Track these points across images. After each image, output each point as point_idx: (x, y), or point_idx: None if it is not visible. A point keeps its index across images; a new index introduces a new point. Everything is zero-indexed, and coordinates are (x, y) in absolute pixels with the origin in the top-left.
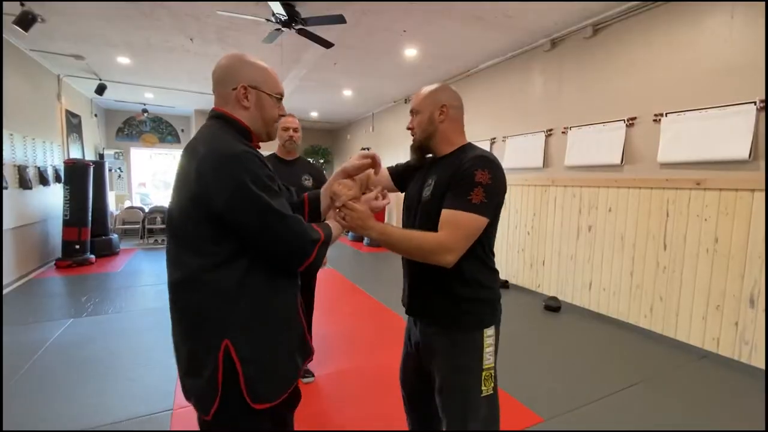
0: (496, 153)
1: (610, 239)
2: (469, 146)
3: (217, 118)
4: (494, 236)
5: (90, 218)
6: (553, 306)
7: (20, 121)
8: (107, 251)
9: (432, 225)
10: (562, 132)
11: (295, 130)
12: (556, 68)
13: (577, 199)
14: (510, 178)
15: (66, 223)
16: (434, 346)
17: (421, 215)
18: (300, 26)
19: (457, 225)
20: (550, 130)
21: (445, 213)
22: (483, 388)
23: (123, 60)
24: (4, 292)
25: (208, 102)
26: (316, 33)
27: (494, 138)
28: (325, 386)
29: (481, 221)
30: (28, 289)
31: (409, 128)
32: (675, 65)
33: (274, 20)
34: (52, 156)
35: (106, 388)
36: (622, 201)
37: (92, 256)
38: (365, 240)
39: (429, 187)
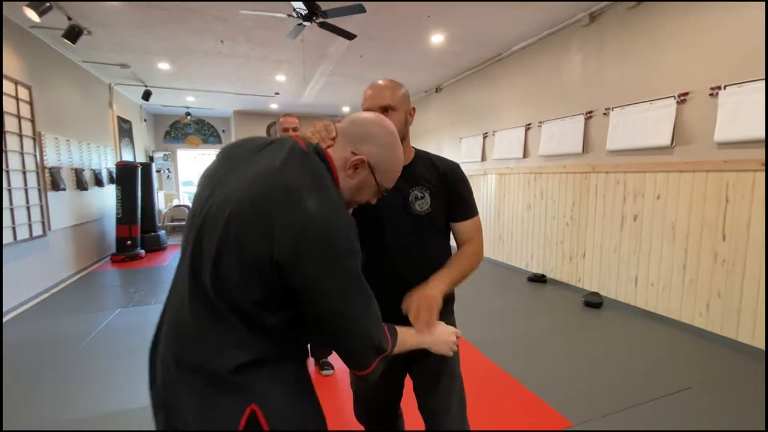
0: (531, 139)
1: (659, 229)
2: (423, 152)
3: (320, 156)
4: None
5: (139, 216)
6: (593, 302)
7: (76, 128)
8: (156, 246)
9: (440, 237)
10: (604, 113)
11: (295, 129)
12: (596, 44)
13: (620, 186)
14: (546, 166)
15: (119, 221)
16: None
17: (418, 231)
18: (321, 19)
19: (478, 230)
20: (590, 112)
21: (468, 224)
22: (459, 362)
23: (163, 66)
24: (65, 285)
25: (244, 103)
26: (338, 25)
27: (529, 124)
28: (343, 379)
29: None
30: (86, 282)
31: None
32: (734, 30)
33: (295, 15)
34: (105, 159)
35: (143, 373)
36: (672, 186)
37: (142, 251)
38: None
39: (423, 200)
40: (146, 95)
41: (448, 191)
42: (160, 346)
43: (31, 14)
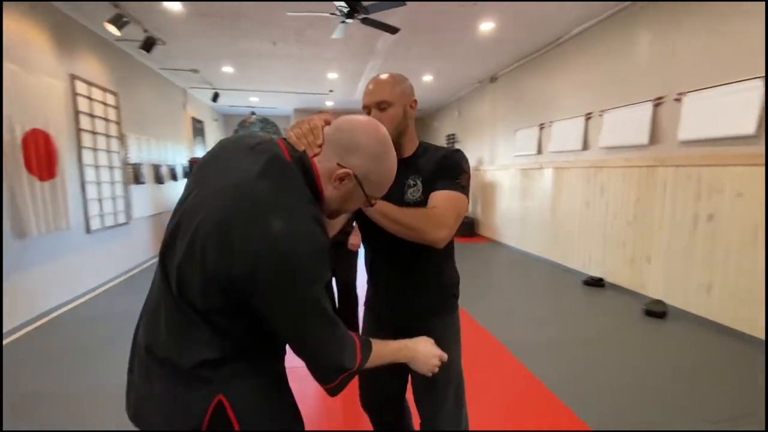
0: (591, 130)
1: (738, 231)
2: (429, 144)
3: (303, 167)
4: None
5: None
6: (656, 311)
7: (156, 129)
8: None
9: None
10: (675, 99)
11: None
12: (669, 22)
13: (693, 182)
14: (608, 159)
15: None
16: (430, 334)
17: None
18: (363, 16)
19: (451, 203)
20: (660, 98)
21: (439, 193)
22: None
23: (227, 69)
24: (145, 266)
25: (302, 101)
26: (381, 20)
27: (590, 113)
28: None
29: (467, 205)
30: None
31: None
32: None
33: (338, 13)
34: (180, 156)
35: None
36: (756, 182)
37: None
38: None
39: (415, 188)
40: (215, 97)
41: (436, 172)
42: (139, 334)
43: (112, 29)
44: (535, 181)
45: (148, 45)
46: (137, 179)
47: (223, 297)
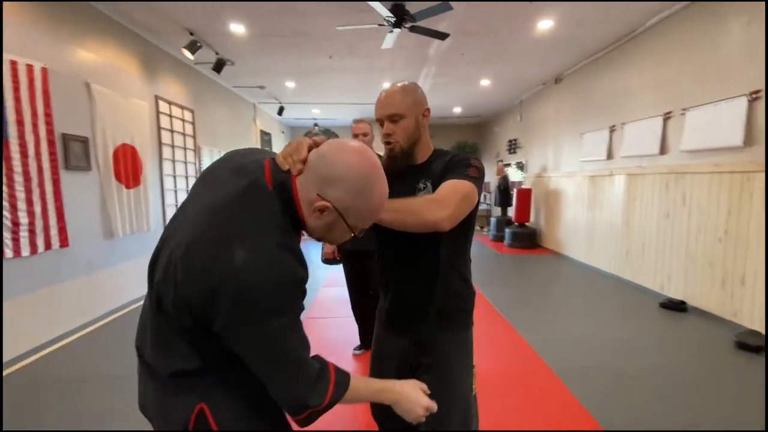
0: (671, 131)
1: None
2: (442, 150)
3: (284, 194)
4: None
5: None
6: (751, 344)
7: (227, 141)
8: None
9: (446, 232)
10: None
11: (365, 134)
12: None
13: None
14: (691, 164)
15: None
16: (431, 348)
17: None
18: (410, 24)
19: (454, 188)
20: (756, 92)
21: (445, 183)
22: (474, 386)
23: (290, 84)
24: None
25: (361, 111)
26: (430, 26)
27: (669, 112)
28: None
29: (474, 192)
30: None
31: (387, 135)
32: None
33: (386, 24)
34: None
35: None
36: None
37: None
38: (507, 239)
39: (425, 190)
40: (280, 110)
41: (447, 171)
42: (137, 335)
43: (187, 53)
44: (605, 188)
45: (219, 66)
46: None
47: (191, 318)
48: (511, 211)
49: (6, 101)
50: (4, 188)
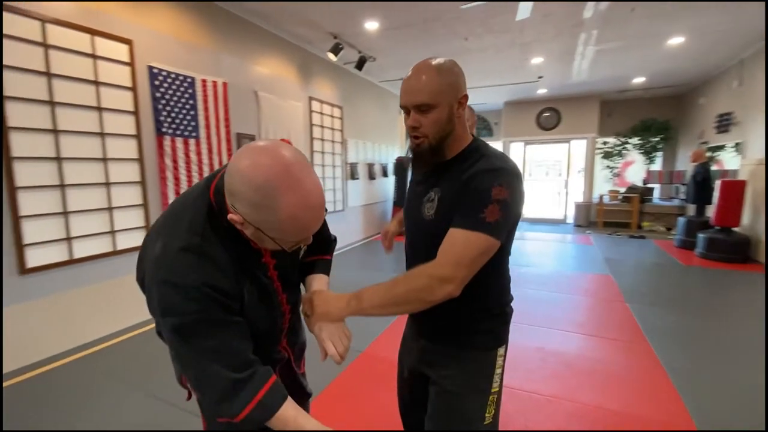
0: None
1: None
2: (478, 146)
3: (209, 212)
4: (511, 245)
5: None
6: None
7: (372, 133)
8: None
9: None
10: None
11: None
12: None
13: None
14: None
15: (394, 203)
16: (437, 365)
17: (425, 241)
18: None
19: (462, 245)
20: None
21: (451, 233)
22: (486, 414)
23: None
24: (354, 246)
25: (511, 92)
26: None
27: None
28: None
29: (493, 244)
30: (369, 247)
31: (413, 128)
32: None
33: None
34: (392, 156)
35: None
36: None
37: None
38: (700, 247)
39: (431, 203)
40: None
41: (458, 195)
42: None
43: (331, 56)
44: None
45: (360, 64)
46: (353, 175)
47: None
48: (710, 211)
49: (199, 111)
50: (195, 181)
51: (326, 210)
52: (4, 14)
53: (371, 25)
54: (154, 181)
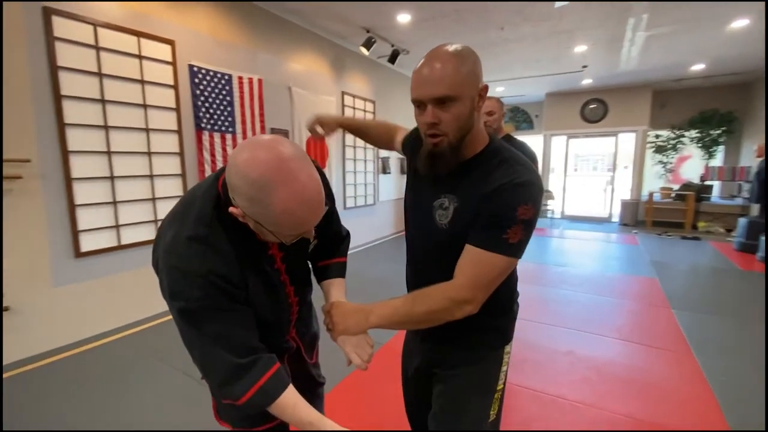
0: None
1: None
2: (497, 149)
3: (216, 204)
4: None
5: None
6: None
7: (407, 127)
8: None
9: (456, 262)
10: None
11: (489, 113)
12: None
13: None
14: None
15: None
16: (444, 364)
17: (438, 252)
18: None
19: (480, 268)
20: None
21: (470, 251)
22: (491, 412)
23: None
24: (385, 240)
25: (554, 83)
26: None
27: None
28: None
29: (512, 264)
30: (400, 241)
31: (432, 124)
32: None
33: None
34: None
35: None
36: None
37: None
38: (760, 251)
39: (445, 211)
40: None
41: (480, 208)
42: None
43: (364, 51)
44: None
45: (393, 57)
46: (384, 170)
47: None
48: None
49: (235, 107)
50: None
51: (326, 205)
52: (59, 20)
53: (403, 18)
54: (194, 173)
